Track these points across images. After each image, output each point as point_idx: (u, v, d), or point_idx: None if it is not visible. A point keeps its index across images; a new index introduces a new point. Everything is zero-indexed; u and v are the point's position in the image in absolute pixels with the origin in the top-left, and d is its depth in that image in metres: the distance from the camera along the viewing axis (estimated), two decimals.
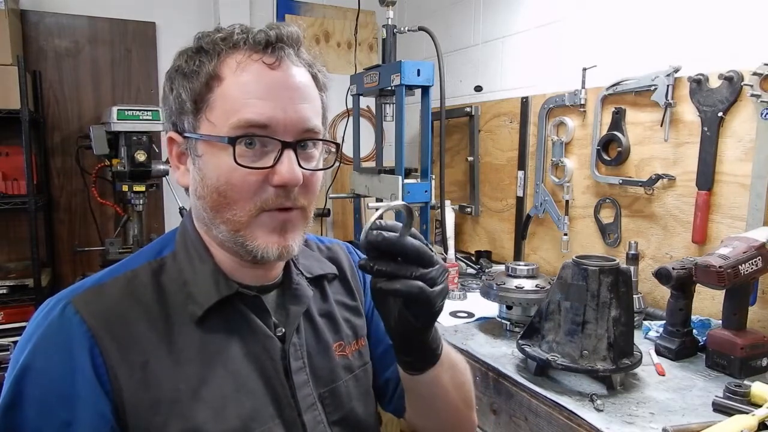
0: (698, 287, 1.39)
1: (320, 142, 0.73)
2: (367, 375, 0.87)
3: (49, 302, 0.68)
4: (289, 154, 0.68)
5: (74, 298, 0.67)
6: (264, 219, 0.69)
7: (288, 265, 0.81)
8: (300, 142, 0.69)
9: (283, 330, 0.76)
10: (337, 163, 3.06)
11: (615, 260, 1.24)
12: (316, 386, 0.78)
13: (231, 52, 0.69)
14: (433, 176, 2.35)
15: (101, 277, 0.71)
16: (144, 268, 0.72)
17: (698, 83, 1.57)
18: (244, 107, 0.67)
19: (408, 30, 2.36)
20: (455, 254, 2.39)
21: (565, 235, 2.07)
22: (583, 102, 1.96)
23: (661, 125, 1.70)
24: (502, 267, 1.80)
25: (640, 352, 1.27)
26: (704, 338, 1.39)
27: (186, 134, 0.71)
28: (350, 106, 2.61)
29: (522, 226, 2.31)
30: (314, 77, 0.75)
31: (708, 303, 1.56)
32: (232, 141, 0.66)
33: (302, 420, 0.74)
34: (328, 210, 3.09)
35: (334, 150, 0.79)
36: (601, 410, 1.13)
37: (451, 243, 2.39)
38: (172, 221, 3.05)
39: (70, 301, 0.66)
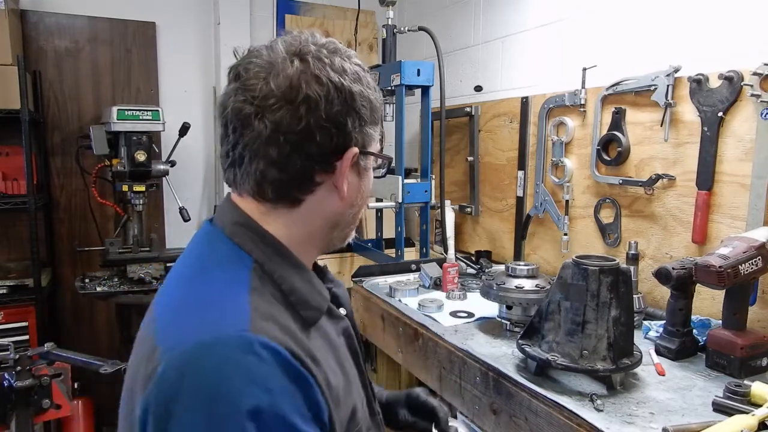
0: (698, 287, 1.39)
1: None
2: None
3: (209, 355, 0.61)
4: None
5: (253, 329, 0.63)
6: None
7: None
8: None
9: (345, 310, 0.87)
10: None
11: (615, 260, 1.24)
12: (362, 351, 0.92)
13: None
14: (433, 176, 2.36)
15: (238, 304, 0.66)
16: (256, 281, 0.71)
17: (698, 83, 1.57)
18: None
19: (408, 30, 2.36)
20: (455, 254, 2.38)
21: (565, 235, 2.07)
22: (583, 102, 1.96)
23: (661, 125, 1.70)
24: (502, 267, 1.80)
25: (640, 352, 1.27)
26: (704, 338, 1.39)
27: (368, 150, 0.79)
28: None
29: (522, 226, 2.31)
30: None
31: (708, 303, 1.56)
32: (391, 160, 0.87)
33: (368, 379, 0.90)
34: None
35: None
36: (601, 410, 1.13)
37: (451, 243, 2.39)
38: (172, 221, 3.05)
39: (258, 333, 0.63)
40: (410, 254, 2.58)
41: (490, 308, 1.72)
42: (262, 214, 0.76)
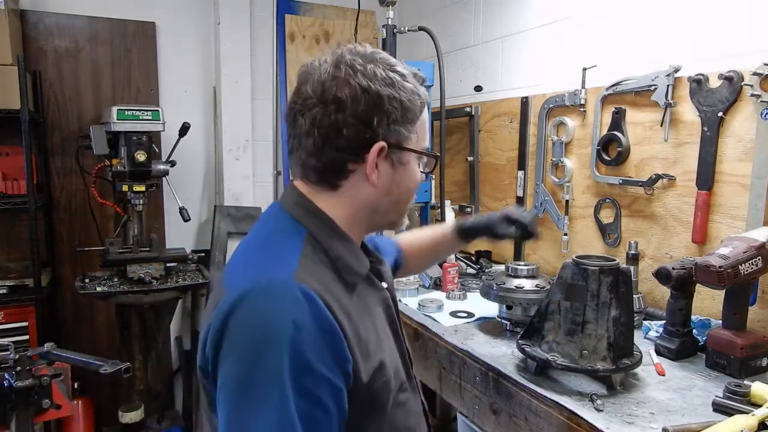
0: (698, 287, 1.39)
1: None
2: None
3: (263, 289, 0.76)
4: None
5: (296, 277, 0.77)
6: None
7: None
8: None
9: (386, 283, 0.98)
10: None
11: (615, 260, 1.24)
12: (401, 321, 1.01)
13: (420, 87, 0.90)
14: (433, 176, 2.35)
15: (289, 259, 0.81)
16: (307, 247, 0.85)
17: (698, 83, 1.57)
18: (427, 134, 0.94)
19: (408, 30, 2.36)
20: (455, 254, 2.38)
21: (565, 235, 2.07)
22: (583, 102, 1.96)
23: (661, 125, 1.70)
24: (502, 267, 1.80)
25: (640, 352, 1.27)
26: (704, 338, 1.39)
27: (400, 146, 0.88)
28: None
29: None
30: None
31: (708, 303, 1.56)
32: (436, 157, 0.96)
33: (406, 346, 0.99)
34: None
35: None
36: (601, 410, 1.13)
37: None
38: (172, 221, 3.05)
39: (300, 281, 0.76)
40: None
41: (490, 308, 1.72)
42: (312, 194, 0.90)
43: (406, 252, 1.39)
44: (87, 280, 2.50)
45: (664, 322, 1.45)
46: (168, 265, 2.60)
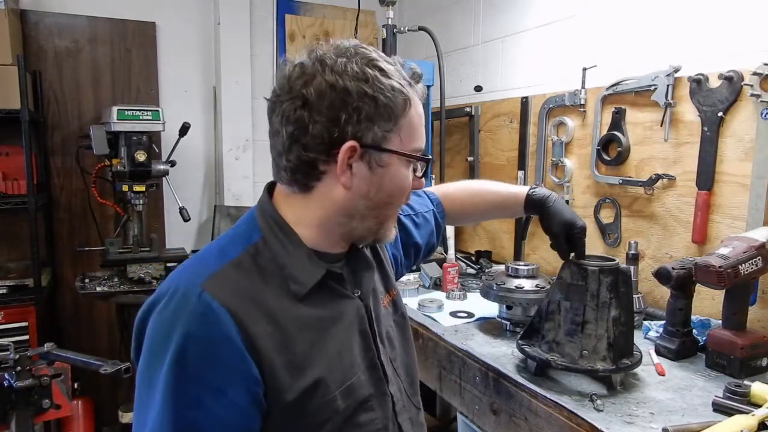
0: (698, 287, 1.39)
1: None
2: (405, 322, 1.05)
3: (173, 292, 0.77)
4: None
5: (204, 285, 0.76)
6: (396, 214, 0.91)
7: None
8: None
9: (359, 291, 0.91)
10: None
11: (615, 260, 1.24)
12: (380, 332, 0.95)
13: (408, 85, 0.84)
14: (433, 176, 2.35)
15: (212, 265, 0.80)
16: (245, 254, 0.82)
17: (698, 83, 1.57)
18: (420, 135, 0.86)
19: (408, 30, 2.36)
20: (455, 254, 2.38)
21: None
22: (583, 102, 1.96)
23: (661, 125, 1.70)
24: (502, 267, 1.80)
25: (640, 352, 1.27)
26: (704, 338, 1.39)
27: (377, 146, 0.81)
28: None
29: (522, 226, 2.31)
30: None
31: (708, 303, 1.56)
32: (426, 161, 0.87)
33: (381, 361, 0.92)
34: None
35: None
36: (601, 410, 1.13)
37: (451, 243, 2.38)
38: (172, 221, 3.05)
39: (203, 289, 0.76)
40: None
41: (490, 308, 1.72)
42: (283, 196, 0.87)
43: (448, 207, 1.29)
44: (87, 280, 2.50)
45: (664, 322, 1.45)
46: (168, 265, 2.60)
